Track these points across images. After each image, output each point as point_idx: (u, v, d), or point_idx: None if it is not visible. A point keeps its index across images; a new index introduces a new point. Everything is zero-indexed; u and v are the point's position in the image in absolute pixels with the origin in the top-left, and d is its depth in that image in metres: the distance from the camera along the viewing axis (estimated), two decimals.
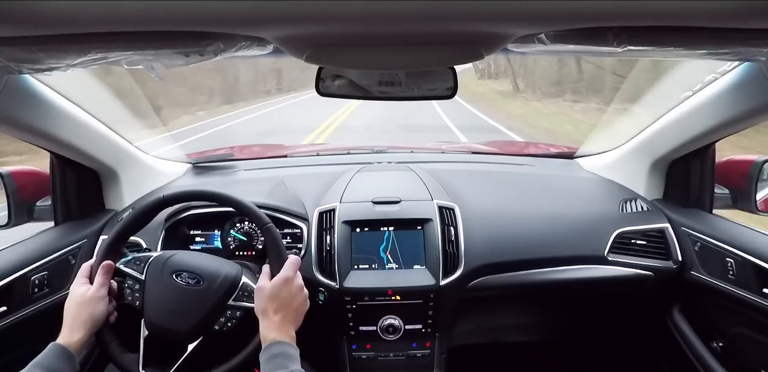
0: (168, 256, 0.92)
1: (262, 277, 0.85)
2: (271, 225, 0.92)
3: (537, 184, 1.38)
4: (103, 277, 0.87)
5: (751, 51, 0.57)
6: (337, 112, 10.65)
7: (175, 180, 1.46)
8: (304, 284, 0.86)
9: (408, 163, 1.47)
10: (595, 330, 1.53)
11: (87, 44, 0.53)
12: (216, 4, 0.41)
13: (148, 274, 0.88)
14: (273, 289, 0.82)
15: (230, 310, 0.87)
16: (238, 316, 0.87)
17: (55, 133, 1.02)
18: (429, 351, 1.15)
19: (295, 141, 6.36)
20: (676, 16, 0.46)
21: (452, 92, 0.77)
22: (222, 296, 0.86)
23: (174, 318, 0.85)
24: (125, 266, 0.90)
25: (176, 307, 0.85)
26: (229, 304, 0.87)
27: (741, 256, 0.99)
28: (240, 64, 16.35)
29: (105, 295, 0.85)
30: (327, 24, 0.48)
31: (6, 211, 1.11)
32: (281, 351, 0.75)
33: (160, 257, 0.91)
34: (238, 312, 0.87)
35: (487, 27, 0.51)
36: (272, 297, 0.81)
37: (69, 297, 0.85)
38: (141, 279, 0.88)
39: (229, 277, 0.89)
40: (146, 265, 0.89)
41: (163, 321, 0.85)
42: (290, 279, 0.84)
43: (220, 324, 0.86)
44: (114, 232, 0.93)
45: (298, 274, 0.86)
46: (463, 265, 1.10)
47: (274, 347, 0.75)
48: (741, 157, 1.16)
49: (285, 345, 0.76)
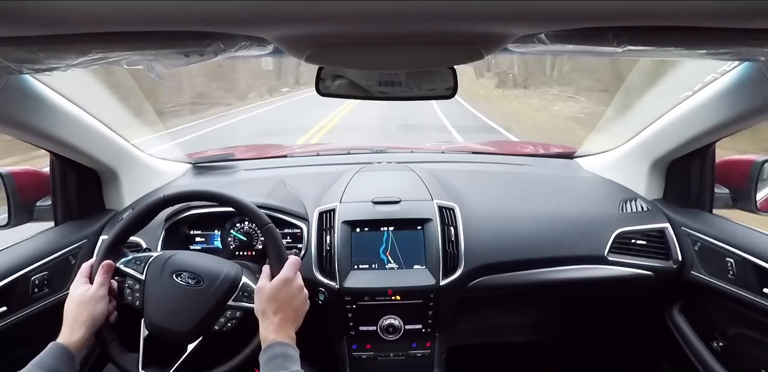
0: (168, 255, 0.92)
1: (262, 278, 0.85)
2: (271, 225, 0.92)
3: (537, 184, 1.39)
4: (103, 277, 0.87)
5: (751, 51, 0.57)
6: (333, 113, 10.62)
7: (175, 180, 1.46)
8: (304, 285, 0.86)
9: (408, 163, 1.47)
10: (595, 330, 1.53)
11: (87, 44, 0.53)
12: (216, 4, 0.41)
13: (149, 274, 0.88)
14: (273, 290, 0.82)
15: (230, 311, 0.87)
16: (238, 317, 0.87)
17: (55, 133, 1.02)
18: (429, 351, 1.15)
19: (288, 141, 6.35)
20: (676, 16, 0.46)
21: (452, 92, 0.77)
22: (222, 296, 0.86)
23: (174, 318, 0.85)
24: (125, 266, 0.90)
25: (176, 307, 0.85)
26: (229, 305, 0.87)
27: (741, 256, 0.99)
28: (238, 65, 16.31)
29: (105, 295, 0.86)
30: (327, 24, 0.48)
31: (6, 211, 1.12)
32: (281, 352, 0.75)
33: (160, 257, 0.91)
34: (238, 312, 0.87)
35: (487, 27, 0.51)
36: (272, 298, 0.81)
37: (69, 297, 0.85)
38: (141, 279, 0.88)
39: (229, 277, 0.89)
40: (146, 265, 0.89)
41: (163, 321, 0.85)
42: (290, 280, 0.84)
43: (219, 324, 0.86)
44: (114, 232, 0.93)
45: (298, 274, 0.86)
46: (463, 265, 1.10)
47: (274, 348, 0.75)
48: (741, 157, 1.16)
49: (285, 346, 0.76)
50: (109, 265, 0.89)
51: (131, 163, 1.32)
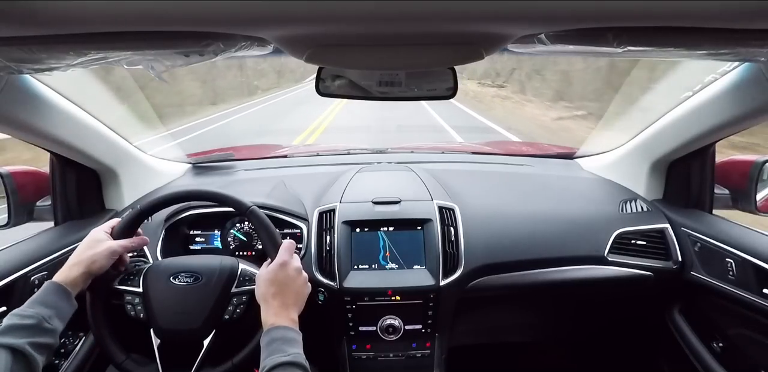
0: (161, 262, 0.92)
1: (263, 266, 0.86)
2: (254, 208, 0.90)
3: (537, 184, 1.39)
4: (130, 242, 0.89)
5: (750, 51, 0.57)
6: (324, 113, 10.48)
7: (175, 180, 1.46)
8: (302, 267, 0.87)
9: (408, 163, 1.47)
10: (595, 330, 1.53)
11: (87, 44, 0.53)
12: (216, 4, 0.41)
13: (147, 284, 0.88)
14: (270, 274, 0.82)
15: (236, 297, 0.87)
16: (245, 301, 0.87)
17: (55, 133, 1.02)
18: (429, 351, 1.15)
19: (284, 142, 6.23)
20: (676, 17, 0.46)
21: (452, 92, 0.77)
22: (224, 286, 0.87)
23: (183, 318, 0.85)
24: (120, 285, 0.89)
25: (182, 307, 0.85)
26: (233, 292, 0.87)
27: (741, 257, 0.99)
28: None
29: (116, 254, 0.86)
30: (327, 24, 0.48)
31: (6, 211, 1.11)
32: (280, 335, 0.75)
33: (153, 266, 0.91)
34: (243, 297, 0.87)
35: (487, 27, 0.51)
36: (270, 282, 0.82)
37: (84, 240, 0.87)
38: (140, 291, 0.87)
39: (226, 267, 0.90)
40: (141, 277, 0.89)
41: (173, 324, 0.85)
42: (286, 263, 0.84)
43: (229, 312, 0.86)
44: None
45: (296, 257, 0.87)
46: (463, 265, 1.10)
47: (272, 332, 0.76)
48: (741, 157, 1.16)
49: (284, 329, 0.76)
50: (144, 240, 0.92)
51: (131, 163, 1.32)
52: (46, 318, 0.72)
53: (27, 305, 0.73)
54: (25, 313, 0.72)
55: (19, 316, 0.71)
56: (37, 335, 0.70)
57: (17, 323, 0.70)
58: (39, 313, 0.72)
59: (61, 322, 0.75)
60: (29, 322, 0.70)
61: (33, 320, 0.71)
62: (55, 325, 0.73)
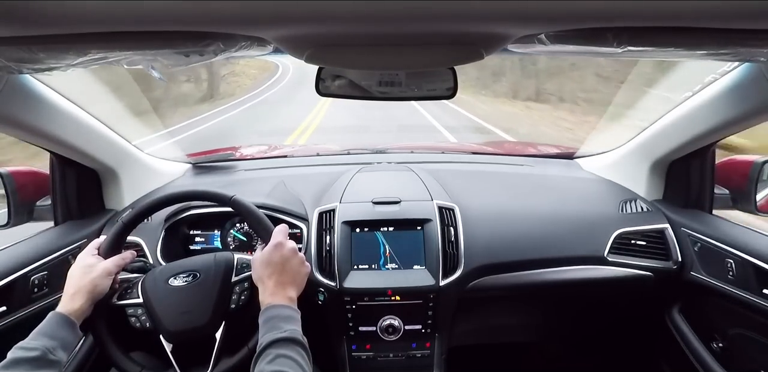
0: (154, 270, 0.92)
1: (257, 250, 0.88)
2: (236, 197, 0.91)
3: (537, 184, 1.38)
4: (121, 259, 0.88)
5: (751, 51, 0.57)
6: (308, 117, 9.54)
7: (175, 180, 1.46)
8: (297, 248, 0.87)
9: (408, 163, 1.47)
10: (595, 330, 1.53)
11: (87, 44, 0.53)
12: (216, 4, 0.41)
13: (146, 293, 0.87)
14: (264, 256, 0.83)
15: (237, 286, 0.87)
16: (247, 287, 0.87)
17: (55, 133, 1.02)
18: (429, 351, 1.14)
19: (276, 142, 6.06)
20: (676, 17, 0.46)
21: (452, 92, 0.77)
22: (223, 278, 0.87)
23: (190, 317, 0.84)
24: (119, 300, 0.88)
25: (185, 307, 0.85)
26: (234, 281, 0.87)
27: (741, 257, 0.99)
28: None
29: (112, 273, 0.86)
30: (327, 24, 0.48)
31: (6, 211, 1.11)
32: (276, 313, 0.76)
33: (148, 275, 0.91)
34: (245, 283, 0.88)
35: (488, 27, 0.51)
36: (265, 263, 0.83)
37: (74, 265, 0.86)
38: (140, 302, 0.87)
39: (221, 260, 0.90)
40: (138, 288, 0.88)
41: (181, 325, 0.84)
42: (281, 244, 0.85)
43: (234, 302, 0.86)
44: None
45: (291, 241, 0.87)
46: (463, 265, 1.10)
47: (268, 311, 0.77)
48: (741, 157, 1.16)
49: (280, 307, 0.77)
50: (133, 254, 0.92)
51: (131, 163, 1.31)
52: (51, 349, 0.71)
53: (31, 337, 0.72)
54: (29, 345, 0.71)
55: (24, 349, 0.70)
56: (41, 368, 0.69)
57: (21, 356, 0.68)
58: (43, 345, 0.71)
59: (65, 353, 0.74)
60: (34, 354, 0.69)
61: (37, 352, 0.70)
62: (60, 356, 0.72)
